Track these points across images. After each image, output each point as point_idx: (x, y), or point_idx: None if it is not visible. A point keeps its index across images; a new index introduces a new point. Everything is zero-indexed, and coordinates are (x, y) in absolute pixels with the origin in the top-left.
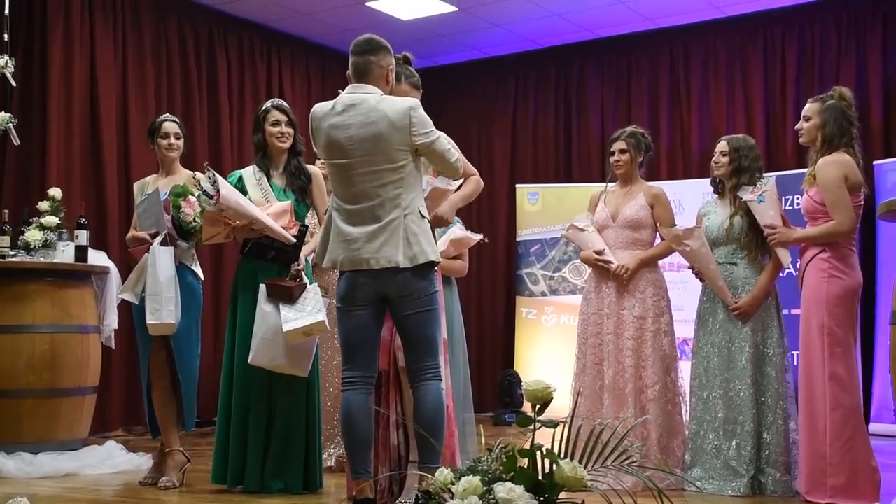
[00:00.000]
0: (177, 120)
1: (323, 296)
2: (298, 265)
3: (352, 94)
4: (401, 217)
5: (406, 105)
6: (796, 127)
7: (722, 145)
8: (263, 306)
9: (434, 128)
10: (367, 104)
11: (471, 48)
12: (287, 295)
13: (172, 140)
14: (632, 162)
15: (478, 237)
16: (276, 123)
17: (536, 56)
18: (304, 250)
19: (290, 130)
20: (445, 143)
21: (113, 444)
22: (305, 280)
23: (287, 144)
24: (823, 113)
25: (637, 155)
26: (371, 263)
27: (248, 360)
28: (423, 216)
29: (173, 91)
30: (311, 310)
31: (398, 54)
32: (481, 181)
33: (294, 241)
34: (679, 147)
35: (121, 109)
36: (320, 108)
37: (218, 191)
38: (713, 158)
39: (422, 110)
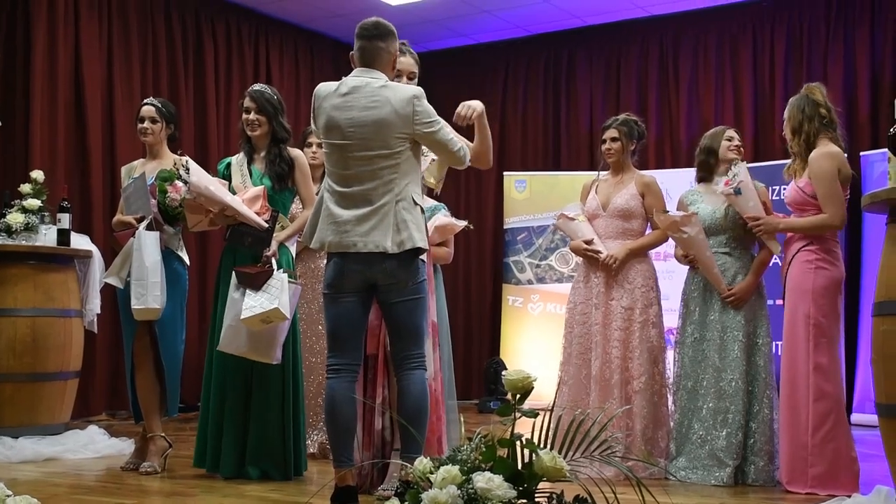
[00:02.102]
0: (156, 104)
1: (291, 281)
2: (268, 251)
3: (358, 77)
4: (392, 202)
5: (410, 93)
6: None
7: (735, 134)
8: (233, 293)
9: (438, 117)
10: (371, 88)
11: (460, 34)
12: (251, 281)
13: (146, 124)
14: (623, 150)
15: (462, 224)
16: (247, 111)
17: (526, 43)
18: (280, 236)
19: (261, 118)
20: (448, 132)
21: (95, 429)
22: (273, 266)
23: (257, 133)
24: (788, 109)
25: (629, 143)
26: (359, 247)
27: (217, 347)
28: (415, 203)
29: (159, 75)
30: (270, 297)
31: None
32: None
33: (266, 226)
34: (667, 136)
35: (106, 93)
36: (324, 87)
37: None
38: (732, 143)
39: (425, 100)
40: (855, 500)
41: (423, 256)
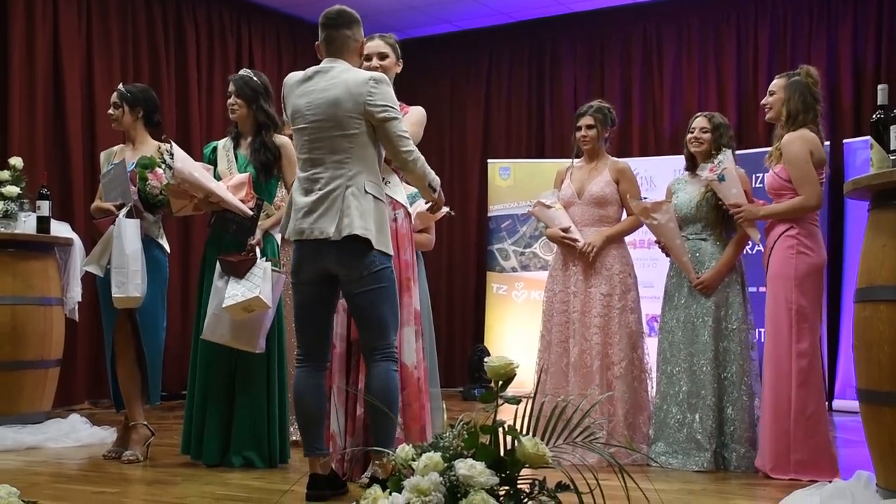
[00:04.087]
0: (120, 88)
1: (275, 270)
2: (252, 239)
3: (322, 66)
4: (342, 188)
5: (368, 75)
6: (762, 102)
7: (701, 122)
8: (217, 282)
9: (397, 110)
10: (333, 73)
11: (443, 21)
12: (234, 270)
13: (109, 110)
14: (598, 137)
15: (444, 210)
16: (229, 95)
17: (510, 30)
18: (264, 224)
19: (238, 101)
20: (402, 129)
21: (77, 418)
22: (257, 254)
23: (235, 115)
24: (788, 88)
25: (603, 130)
26: (306, 234)
27: (201, 336)
28: (366, 192)
29: (140, 61)
30: (252, 285)
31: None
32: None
33: (251, 213)
34: (651, 124)
35: (85, 78)
36: (292, 76)
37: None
38: (693, 135)
39: (386, 85)
40: (836, 485)
41: (385, 248)
